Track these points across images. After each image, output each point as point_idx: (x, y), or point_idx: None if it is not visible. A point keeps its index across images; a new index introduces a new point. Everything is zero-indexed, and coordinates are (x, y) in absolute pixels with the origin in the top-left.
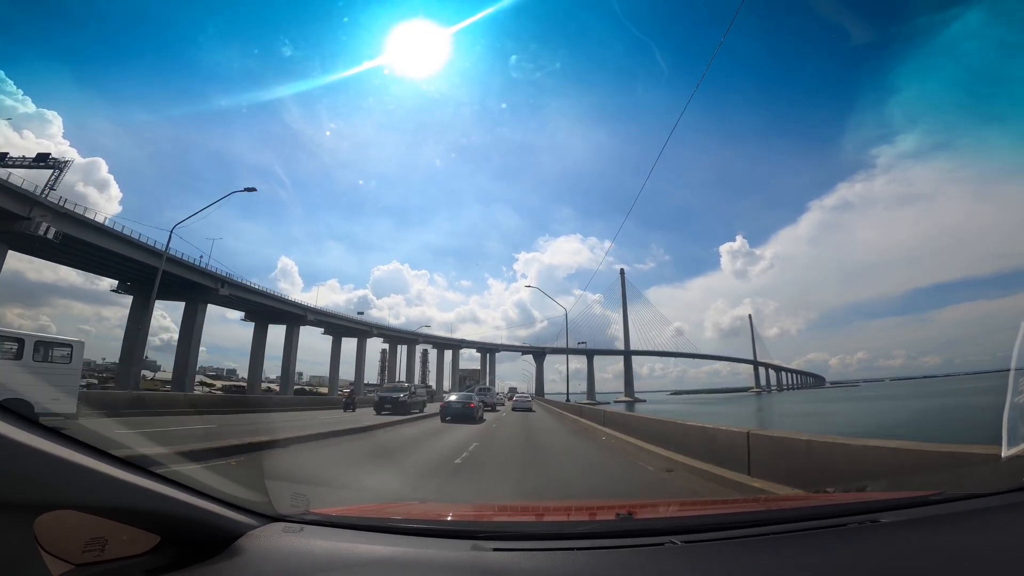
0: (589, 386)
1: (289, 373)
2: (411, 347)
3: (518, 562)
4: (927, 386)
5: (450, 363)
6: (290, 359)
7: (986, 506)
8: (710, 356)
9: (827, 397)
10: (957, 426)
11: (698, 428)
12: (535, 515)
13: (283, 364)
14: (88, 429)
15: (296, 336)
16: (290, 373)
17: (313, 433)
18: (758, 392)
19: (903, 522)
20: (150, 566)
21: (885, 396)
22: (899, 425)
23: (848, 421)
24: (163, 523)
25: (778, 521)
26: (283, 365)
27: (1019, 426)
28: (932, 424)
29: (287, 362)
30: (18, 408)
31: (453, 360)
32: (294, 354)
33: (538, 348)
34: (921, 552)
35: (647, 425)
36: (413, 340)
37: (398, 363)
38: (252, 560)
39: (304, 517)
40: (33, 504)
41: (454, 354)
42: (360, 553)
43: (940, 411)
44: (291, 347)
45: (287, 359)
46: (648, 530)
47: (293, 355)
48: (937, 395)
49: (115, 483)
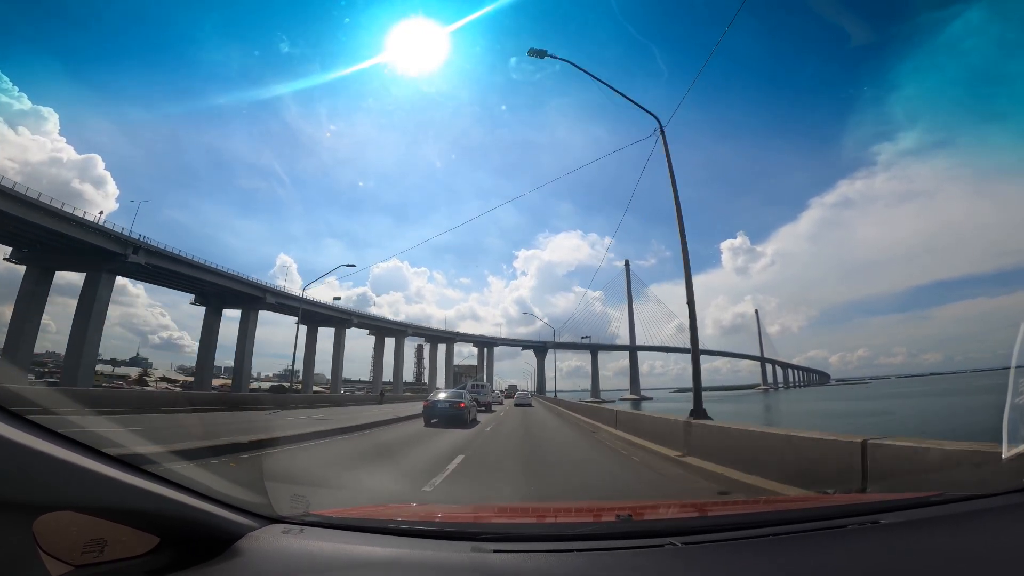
0: (593, 383)
1: (243, 369)
2: (399, 340)
3: (518, 564)
4: (938, 383)
5: (444, 359)
6: (244, 352)
7: (986, 507)
8: (718, 352)
9: (847, 395)
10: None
11: (783, 437)
12: (535, 516)
13: (236, 358)
14: (88, 429)
15: (253, 323)
16: (244, 369)
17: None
18: (765, 390)
19: (903, 523)
20: (150, 567)
21: (909, 394)
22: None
23: (921, 421)
24: (163, 524)
25: (778, 522)
26: (236, 359)
27: (1019, 426)
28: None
29: (240, 356)
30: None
31: (447, 355)
32: (250, 347)
33: (539, 343)
34: (921, 553)
35: (692, 433)
36: (402, 332)
37: (386, 358)
38: (252, 561)
39: (304, 518)
40: (33, 505)
41: (448, 349)
42: (360, 554)
43: (997, 408)
44: (244, 338)
45: (240, 353)
46: (648, 531)
47: (249, 348)
48: (961, 392)
49: (115, 484)
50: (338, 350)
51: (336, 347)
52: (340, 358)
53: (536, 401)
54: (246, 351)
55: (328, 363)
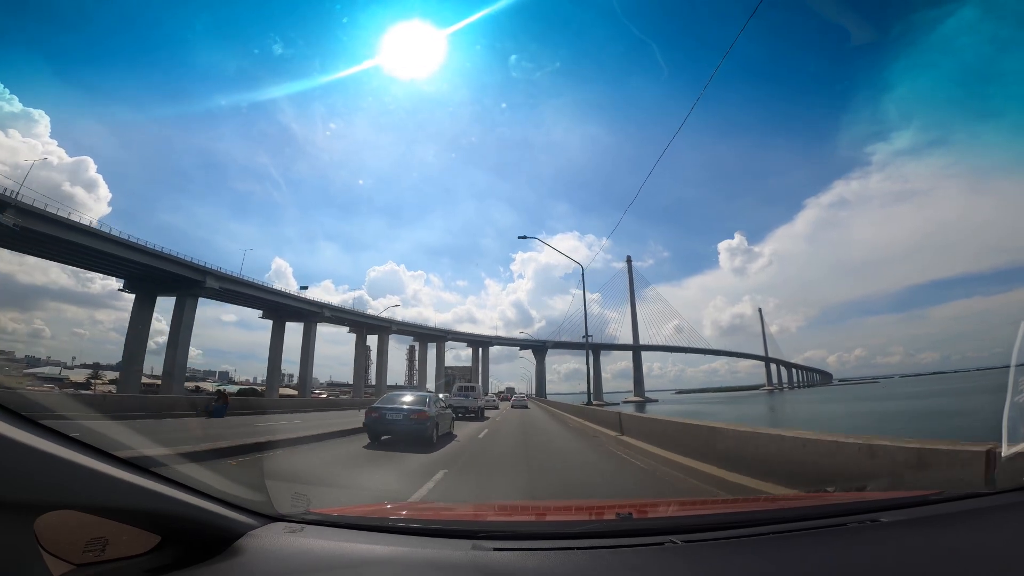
0: (595, 385)
1: (176, 365)
2: (383, 337)
3: (519, 562)
4: (943, 382)
5: (436, 360)
6: (177, 344)
7: (986, 506)
8: (723, 352)
9: (866, 395)
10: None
11: (861, 447)
12: (535, 515)
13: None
14: (89, 429)
15: (189, 312)
16: (177, 364)
17: None
18: (770, 390)
19: (903, 522)
20: (150, 566)
21: (931, 392)
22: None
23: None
24: (164, 523)
25: (778, 521)
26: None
27: (1019, 426)
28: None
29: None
30: None
31: (438, 356)
32: (185, 336)
33: (538, 341)
34: (921, 552)
35: (745, 444)
36: (384, 328)
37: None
38: (253, 560)
39: (304, 517)
40: (33, 504)
41: (439, 349)
42: (361, 553)
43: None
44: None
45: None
46: (648, 530)
47: (184, 338)
48: (986, 390)
49: (116, 483)
50: (307, 348)
51: (305, 344)
52: (309, 357)
53: (537, 405)
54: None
55: (321, 366)
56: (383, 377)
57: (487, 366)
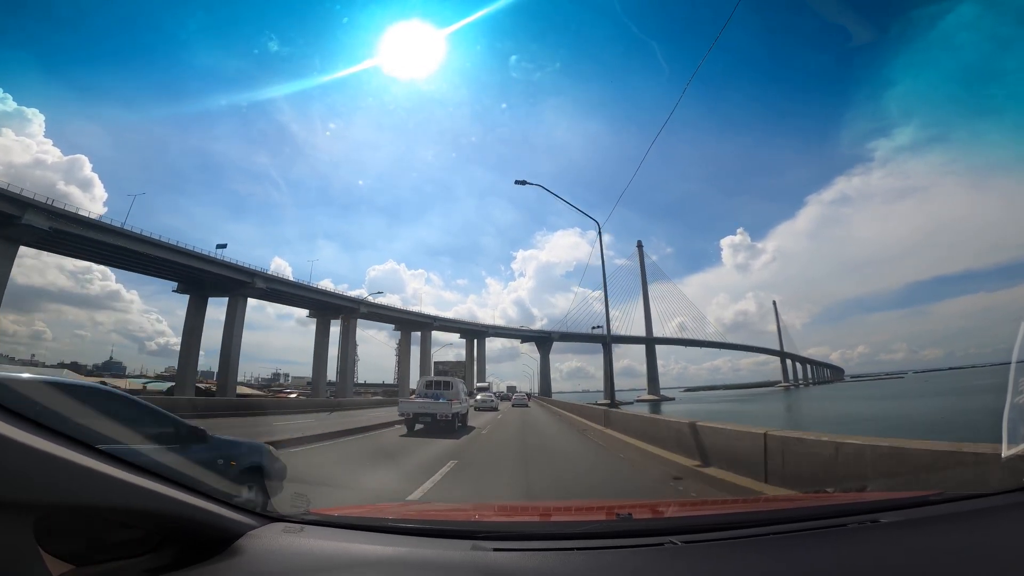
0: (607, 382)
1: (230, 366)
2: (348, 321)
3: (518, 562)
4: (967, 379)
5: (420, 353)
6: None
7: (986, 506)
8: (741, 347)
9: (896, 390)
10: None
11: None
12: (535, 515)
13: None
14: (89, 429)
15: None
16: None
17: None
18: (786, 387)
19: (903, 522)
20: (150, 566)
21: (964, 389)
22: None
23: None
24: (163, 523)
25: (778, 521)
26: None
27: (1019, 426)
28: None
29: None
30: None
31: (423, 347)
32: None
33: (543, 332)
34: (921, 552)
35: None
36: (351, 310)
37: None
38: (252, 560)
39: (304, 517)
40: (33, 504)
41: (424, 339)
42: (360, 553)
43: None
44: None
45: None
46: (648, 530)
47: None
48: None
49: (115, 483)
50: (229, 329)
51: (227, 325)
52: (232, 341)
53: (542, 407)
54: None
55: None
56: (348, 371)
57: (483, 361)
